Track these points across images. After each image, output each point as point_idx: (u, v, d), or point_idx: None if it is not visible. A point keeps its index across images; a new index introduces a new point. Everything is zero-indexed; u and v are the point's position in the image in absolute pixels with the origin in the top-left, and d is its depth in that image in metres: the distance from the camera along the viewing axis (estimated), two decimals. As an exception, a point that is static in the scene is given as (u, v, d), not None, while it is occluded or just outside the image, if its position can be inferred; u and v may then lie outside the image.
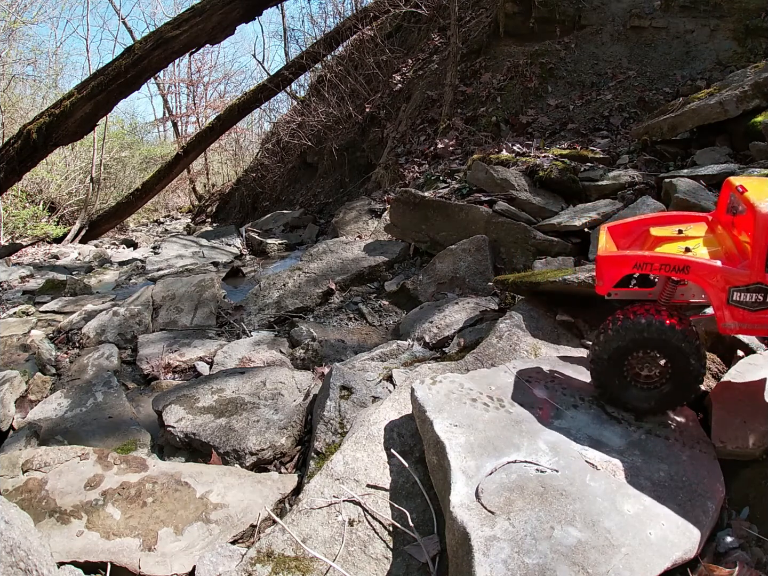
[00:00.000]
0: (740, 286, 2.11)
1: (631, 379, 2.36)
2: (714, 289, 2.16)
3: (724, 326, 2.21)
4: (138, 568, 2.24)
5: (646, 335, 2.23)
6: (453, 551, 1.87)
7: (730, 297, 2.14)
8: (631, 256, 2.30)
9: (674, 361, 2.26)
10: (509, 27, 9.36)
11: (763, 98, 5.35)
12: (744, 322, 2.16)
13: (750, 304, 2.12)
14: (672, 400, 2.35)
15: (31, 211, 16.14)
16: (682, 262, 2.18)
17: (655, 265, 2.21)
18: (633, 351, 2.30)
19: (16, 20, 19.76)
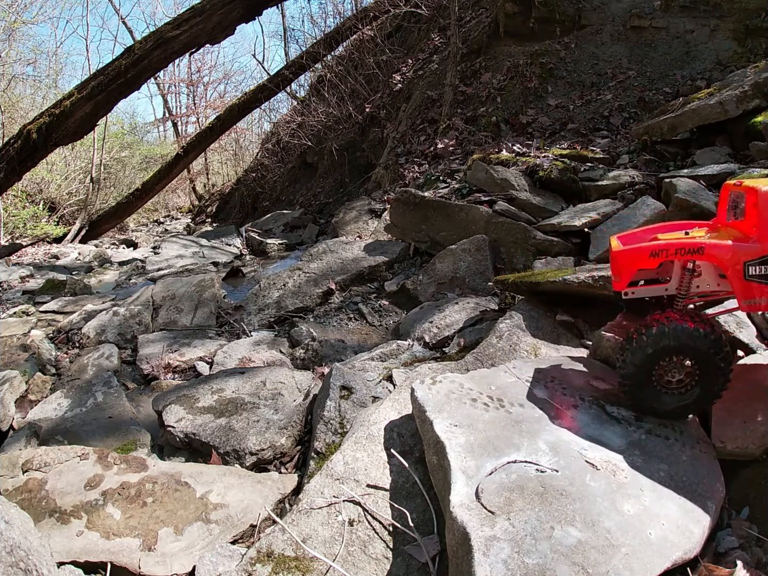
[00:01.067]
0: (754, 259, 2.17)
1: (660, 387, 2.37)
2: (733, 267, 2.21)
3: (746, 303, 2.25)
4: (138, 568, 2.24)
5: (674, 342, 2.24)
6: (453, 551, 1.87)
7: (746, 272, 2.19)
8: (646, 246, 2.34)
9: (703, 365, 2.27)
10: (509, 27, 9.36)
11: (763, 98, 5.34)
12: (764, 297, 2.21)
13: (767, 277, 2.18)
14: (702, 402, 2.37)
15: (31, 211, 16.13)
16: (696, 245, 2.23)
17: (670, 251, 2.26)
18: (662, 359, 2.31)
19: (16, 20, 19.76)
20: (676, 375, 2.34)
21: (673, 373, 2.34)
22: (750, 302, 2.25)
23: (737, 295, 2.28)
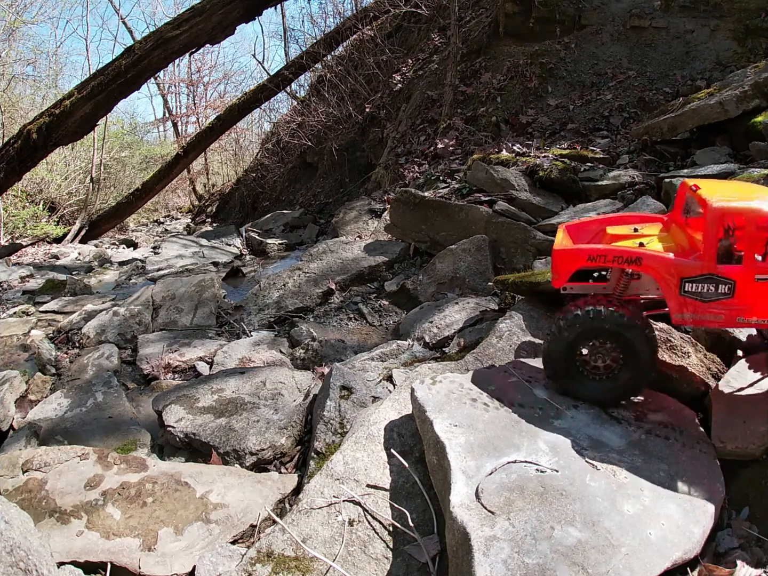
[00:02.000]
0: (692, 276, 2.18)
1: (585, 372, 2.40)
2: (666, 281, 2.24)
3: (677, 317, 2.27)
4: (138, 568, 2.24)
5: (598, 324, 2.27)
6: (453, 551, 1.87)
7: (682, 288, 2.21)
8: (585, 249, 2.37)
9: (626, 350, 2.30)
10: (509, 27, 9.36)
11: (763, 98, 5.34)
12: (697, 313, 2.23)
13: (702, 295, 2.20)
14: (627, 390, 2.40)
15: (31, 211, 16.14)
16: (635, 254, 2.26)
17: (608, 257, 2.29)
18: (586, 341, 2.34)
19: (16, 20, 19.76)
20: (601, 361, 2.36)
21: (598, 358, 2.36)
22: (681, 316, 2.27)
23: (670, 308, 2.28)
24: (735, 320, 2.23)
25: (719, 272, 2.17)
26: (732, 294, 2.18)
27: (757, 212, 2.12)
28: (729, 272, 2.18)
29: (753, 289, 2.16)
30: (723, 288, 2.18)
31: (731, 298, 2.19)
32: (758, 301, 2.18)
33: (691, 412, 2.53)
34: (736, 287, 2.17)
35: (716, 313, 2.22)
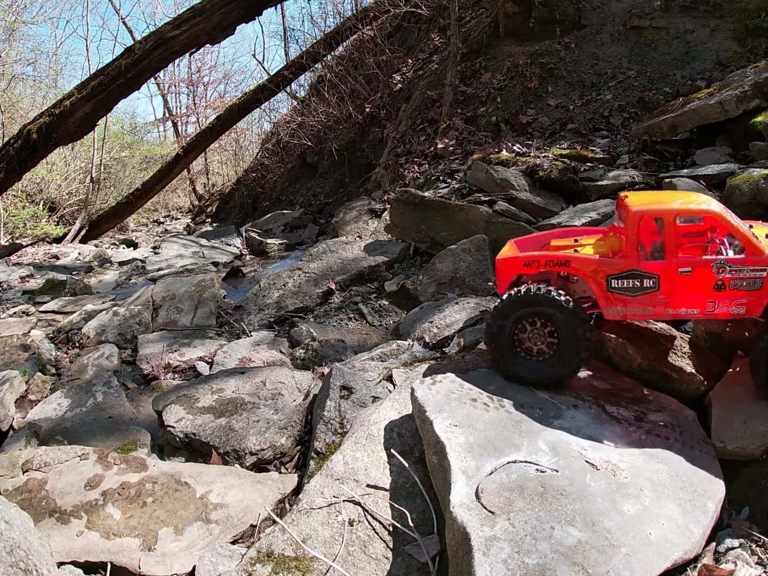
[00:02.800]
0: (617, 273, 2.43)
1: (523, 352, 2.59)
2: (594, 279, 2.48)
3: (608, 312, 2.51)
4: (138, 568, 2.24)
5: (535, 304, 2.49)
6: (453, 551, 1.87)
7: (609, 285, 2.46)
8: (521, 256, 2.67)
9: (561, 330, 2.50)
10: (509, 27, 9.36)
11: (763, 98, 5.34)
12: (626, 307, 2.47)
13: (629, 290, 2.44)
14: (561, 371, 2.55)
15: (31, 211, 16.13)
16: (563, 258, 2.54)
17: (541, 262, 2.58)
18: (523, 320, 2.54)
19: (16, 20, 19.76)
20: (538, 342, 2.54)
21: (534, 339, 2.55)
22: (612, 311, 2.49)
23: (600, 305, 2.51)
24: (665, 312, 2.46)
25: (643, 268, 2.40)
26: (657, 287, 2.41)
27: (672, 212, 2.39)
28: (652, 267, 2.40)
29: (677, 281, 2.38)
30: (648, 282, 2.41)
31: (657, 292, 2.41)
32: (684, 293, 2.40)
33: (691, 412, 2.53)
34: (660, 281, 2.40)
35: (645, 306, 2.45)
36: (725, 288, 2.37)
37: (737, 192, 4.12)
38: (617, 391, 2.67)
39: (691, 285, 2.39)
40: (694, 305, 2.41)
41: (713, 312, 2.42)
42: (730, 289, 2.37)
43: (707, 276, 2.37)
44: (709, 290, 2.39)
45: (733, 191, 4.17)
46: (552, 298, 2.44)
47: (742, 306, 2.38)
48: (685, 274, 2.38)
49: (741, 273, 2.35)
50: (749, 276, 2.35)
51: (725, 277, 2.37)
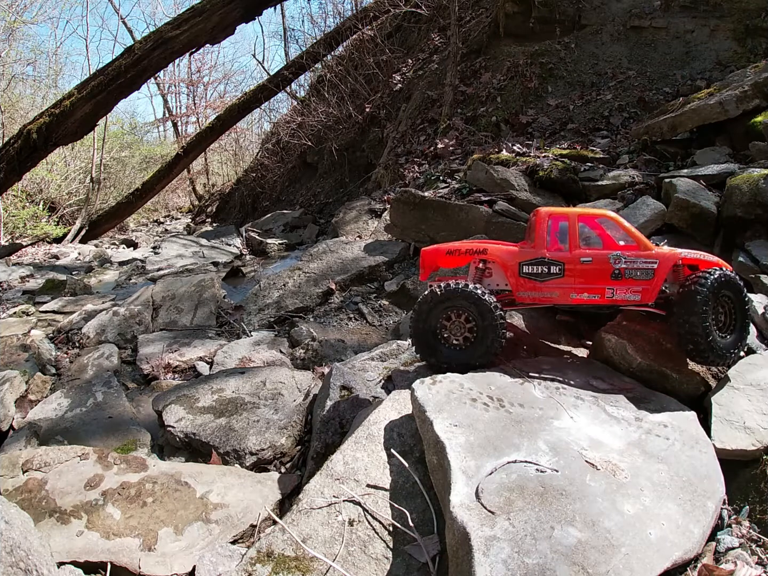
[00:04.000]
0: (528, 260, 2.80)
1: (445, 343, 2.80)
2: (508, 265, 2.83)
3: (519, 295, 2.84)
4: (138, 568, 2.24)
5: (453, 296, 2.71)
6: (453, 551, 1.87)
7: (521, 270, 2.81)
8: (444, 246, 2.97)
9: (476, 319, 2.73)
10: (509, 27, 9.36)
11: (763, 98, 5.34)
12: (535, 291, 2.81)
13: (538, 275, 2.79)
14: (478, 356, 2.77)
15: (31, 211, 16.13)
16: (481, 246, 2.91)
17: (461, 250, 2.91)
18: (443, 312, 2.75)
19: (16, 20, 19.75)
20: (458, 333, 2.77)
21: (455, 331, 2.78)
22: (523, 294, 2.83)
23: (512, 288, 2.84)
24: (569, 296, 2.79)
25: (550, 256, 2.79)
26: (563, 274, 2.78)
27: (574, 213, 2.86)
28: (558, 256, 2.79)
29: (580, 269, 2.77)
30: (554, 269, 2.78)
31: (562, 278, 2.78)
32: (586, 279, 2.77)
33: (691, 412, 2.53)
34: (565, 268, 2.77)
35: (551, 290, 2.79)
36: (621, 276, 2.75)
37: (737, 192, 4.12)
38: (617, 391, 2.68)
39: (591, 273, 2.76)
40: (595, 291, 2.77)
41: (612, 298, 2.76)
42: (625, 278, 2.75)
43: (605, 265, 2.75)
44: (607, 278, 2.76)
45: (733, 191, 4.16)
46: (468, 291, 2.70)
47: (637, 293, 2.75)
48: (587, 263, 2.77)
49: (635, 264, 2.75)
50: (642, 267, 2.74)
51: (621, 267, 2.75)
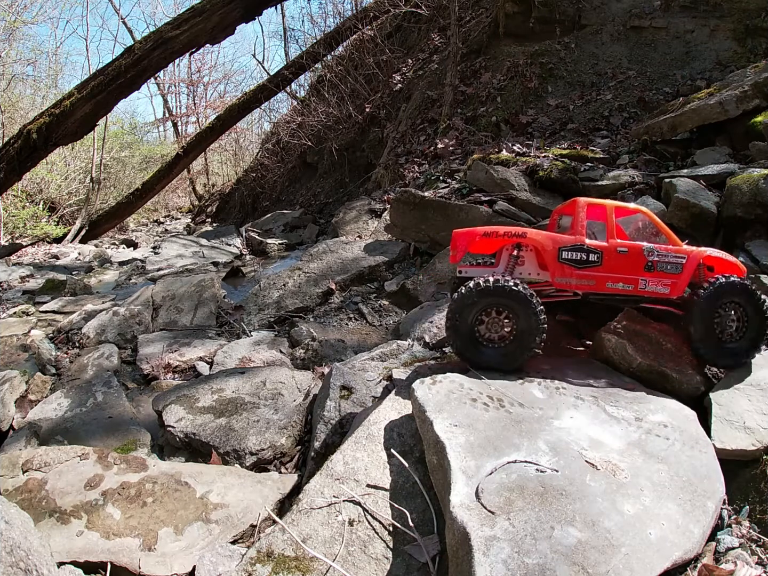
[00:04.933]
0: (567, 246, 2.86)
1: (484, 342, 2.80)
2: (547, 250, 2.87)
3: (557, 280, 2.88)
4: (138, 568, 2.24)
5: (494, 294, 2.72)
6: (453, 551, 1.87)
7: (559, 255, 2.86)
8: (480, 228, 2.99)
9: (517, 319, 2.73)
10: (509, 27, 9.36)
11: (763, 98, 5.34)
12: (572, 277, 2.86)
13: (576, 262, 2.85)
14: (516, 357, 2.76)
15: (31, 211, 16.13)
16: (521, 230, 2.93)
17: (499, 232, 2.92)
18: (483, 310, 2.76)
19: (16, 20, 19.75)
20: (497, 331, 2.77)
21: (494, 329, 2.78)
22: (561, 280, 2.87)
23: (551, 273, 2.87)
24: (605, 285, 2.85)
25: (589, 244, 2.85)
26: (600, 262, 2.85)
27: (611, 205, 2.97)
28: (596, 245, 2.86)
29: (617, 259, 2.84)
30: (593, 257, 2.85)
31: (600, 266, 2.85)
32: (622, 269, 2.84)
33: (691, 412, 2.53)
34: (603, 257, 2.85)
35: (589, 278, 2.84)
36: (654, 269, 2.85)
37: (737, 192, 4.12)
38: (617, 391, 2.68)
39: (626, 263, 2.84)
40: (629, 281, 2.84)
41: (644, 289, 2.84)
42: (657, 270, 2.85)
43: (640, 257, 2.84)
44: (641, 269, 2.85)
45: (733, 191, 4.16)
46: (510, 288, 2.70)
47: (666, 286, 2.84)
48: (623, 253, 2.85)
49: (666, 258, 2.86)
50: (672, 261, 2.85)
51: (654, 260, 2.85)
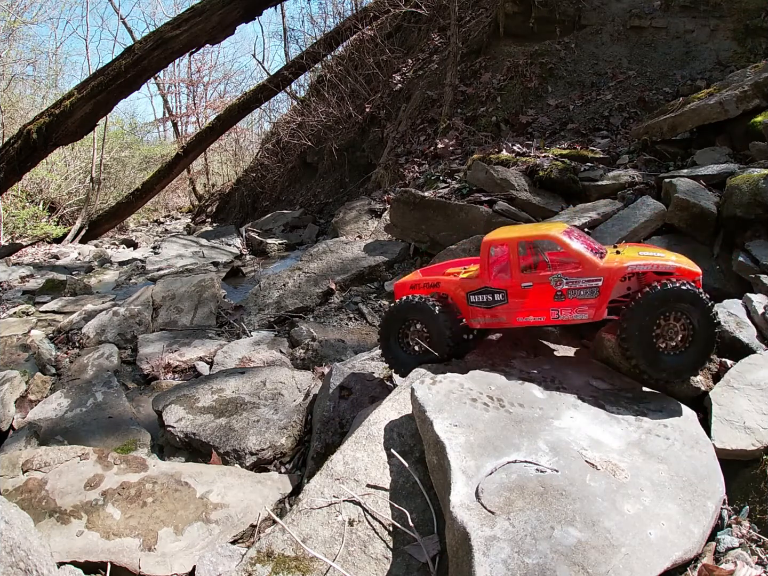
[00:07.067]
0: (474, 290, 2.95)
1: (407, 350, 3.06)
2: (458, 296, 3.02)
3: (471, 321, 3.01)
4: (138, 568, 2.24)
5: (411, 308, 2.97)
6: (453, 551, 1.86)
7: (468, 300, 2.97)
8: (408, 280, 3.26)
9: (429, 328, 2.96)
10: (509, 27, 9.36)
11: (763, 98, 5.34)
12: (485, 317, 2.95)
13: (485, 303, 2.93)
14: (431, 359, 2.98)
15: (31, 211, 16.14)
16: (434, 280, 3.14)
17: (420, 285, 3.17)
18: (404, 321, 3.02)
19: (16, 20, 19.76)
20: (417, 339, 2.99)
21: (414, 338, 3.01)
22: (475, 321, 2.98)
23: (464, 315, 3.01)
24: (516, 320, 2.88)
25: (493, 284, 2.91)
26: (506, 300, 2.88)
27: (513, 239, 2.88)
28: (500, 284, 2.89)
29: (522, 294, 2.84)
30: (498, 296, 2.89)
31: (507, 304, 2.88)
32: (530, 303, 2.84)
33: (691, 412, 2.53)
34: (508, 294, 2.87)
35: (500, 315, 2.90)
36: (565, 297, 2.78)
37: (737, 192, 4.12)
38: (617, 391, 2.68)
39: (534, 296, 2.83)
40: (540, 313, 2.83)
41: (558, 318, 2.81)
42: (569, 298, 2.77)
43: (547, 288, 2.79)
44: (550, 300, 2.80)
45: (733, 191, 4.16)
46: (423, 302, 2.94)
47: (584, 312, 2.76)
48: (528, 288, 2.83)
49: (577, 284, 2.75)
50: (585, 286, 2.74)
51: (563, 288, 2.77)
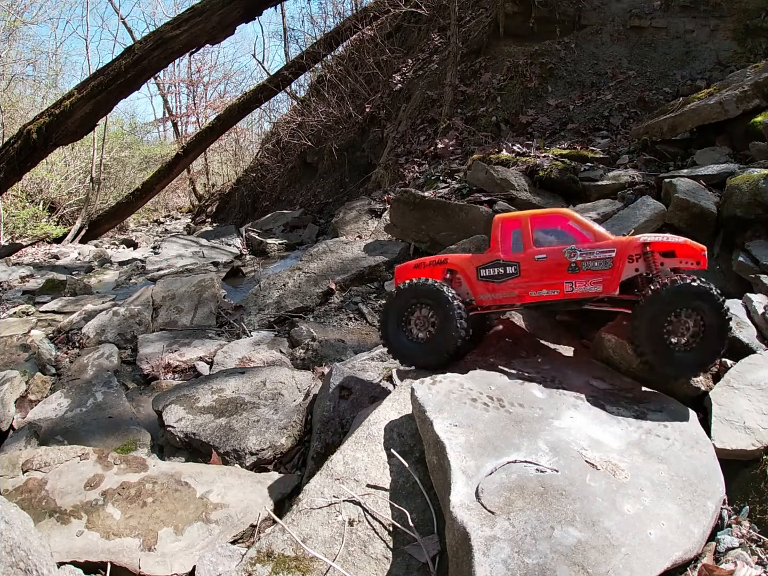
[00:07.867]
0: (484, 264, 2.90)
1: (412, 338, 2.90)
2: (466, 271, 2.95)
3: (479, 298, 2.92)
4: (138, 568, 2.24)
5: (420, 291, 2.84)
6: (453, 551, 1.86)
7: (478, 274, 2.91)
8: (412, 261, 3.19)
9: (439, 314, 2.81)
10: (509, 27, 9.36)
11: (763, 98, 5.34)
12: (494, 292, 2.88)
13: (495, 277, 2.87)
14: (439, 350, 2.82)
15: (31, 211, 16.14)
16: (442, 257, 3.09)
17: (426, 262, 3.11)
18: (412, 305, 2.88)
19: (16, 20, 19.76)
20: (424, 327, 2.86)
21: (422, 325, 2.87)
22: (483, 297, 2.90)
23: (472, 291, 2.93)
24: (528, 294, 2.81)
25: (505, 258, 2.86)
26: (519, 273, 2.82)
27: (525, 214, 2.97)
28: (513, 257, 2.84)
29: (536, 267, 2.79)
30: (510, 269, 2.83)
31: (519, 277, 2.81)
32: (544, 276, 2.78)
33: (691, 412, 2.53)
34: (521, 267, 2.81)
35: (510, 290, 2.83)
36: (579, 269, 2.73)
37: (737, 192, 4.12)
38: (617, 391, 2.68)
39: (547, 269, 2.77)
40: (553, 287, 2.76)
41: (572, 291, 2.75)
42: (583, 270, 2.73)
43: (561, 260, 2.75)
44: (564, 272, 2.75)
45: (733, 191, 4.16)
46: (435, 286, 2.82)
47: (597, 284, 2.71)
48: (541, 260, 2.78)
49: (591, 255, 2.72)
50: (599, 257, 2.71)
51: (578, 260, 2.73)
